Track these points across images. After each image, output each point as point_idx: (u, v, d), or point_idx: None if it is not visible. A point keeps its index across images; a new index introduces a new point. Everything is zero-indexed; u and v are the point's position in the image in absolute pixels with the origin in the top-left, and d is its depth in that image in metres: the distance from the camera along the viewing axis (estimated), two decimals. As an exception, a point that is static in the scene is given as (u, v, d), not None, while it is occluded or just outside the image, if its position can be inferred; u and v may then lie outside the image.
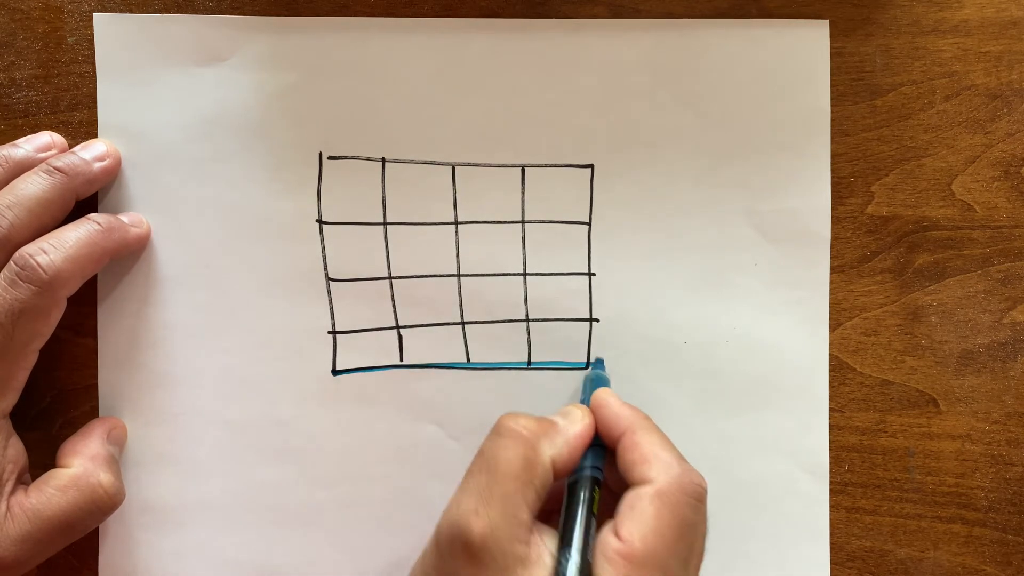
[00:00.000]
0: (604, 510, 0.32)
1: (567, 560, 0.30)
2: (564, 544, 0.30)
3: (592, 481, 0.33)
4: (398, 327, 0.39)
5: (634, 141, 0.39)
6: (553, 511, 0.33)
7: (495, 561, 0.29)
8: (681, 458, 0.33)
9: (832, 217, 0.40)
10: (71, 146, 0.38)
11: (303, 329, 0.39)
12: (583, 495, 0.32)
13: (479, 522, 0.29)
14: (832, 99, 0.39)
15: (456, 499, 0.31)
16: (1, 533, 0.34)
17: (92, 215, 0.37)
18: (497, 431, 0.32)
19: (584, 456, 0.34)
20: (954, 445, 0.40)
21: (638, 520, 0.30)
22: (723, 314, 0.40)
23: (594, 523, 0.32)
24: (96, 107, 0.38)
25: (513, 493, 0.30)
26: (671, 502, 0.31)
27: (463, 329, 0.39)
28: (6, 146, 0.37)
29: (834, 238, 0.40)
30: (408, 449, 0.39)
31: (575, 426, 0.34)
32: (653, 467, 0.32)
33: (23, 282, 0.34)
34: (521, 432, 0.32)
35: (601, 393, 0.35)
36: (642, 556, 0.30)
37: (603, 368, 0.39)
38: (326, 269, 0.39)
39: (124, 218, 0.38)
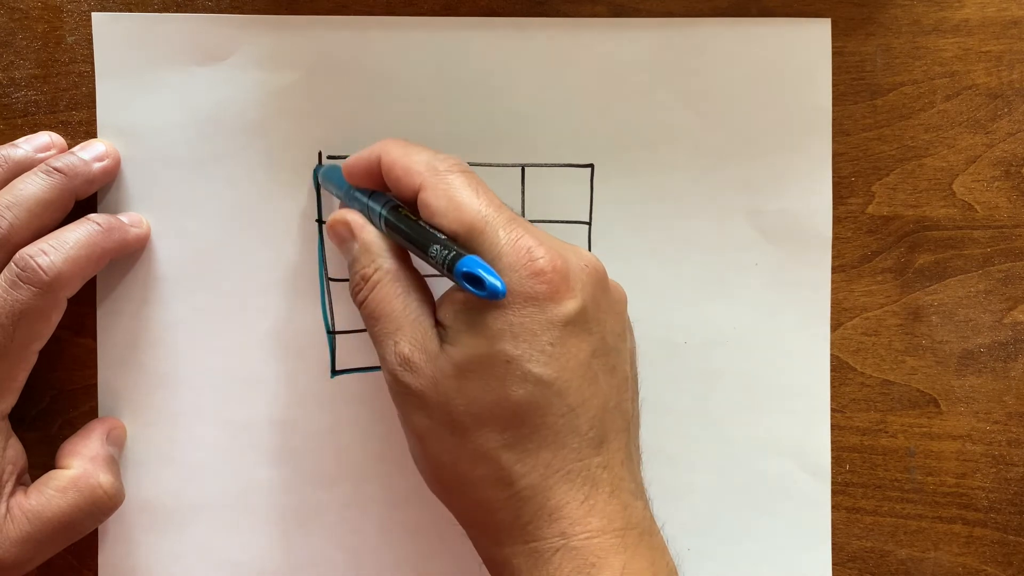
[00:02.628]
0: None
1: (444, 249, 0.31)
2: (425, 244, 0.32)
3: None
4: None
5: (634, 141, 0.39)
6: None
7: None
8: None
9: (833, 217, 0.40)
10: (70, 146, 0.38)
11: (303, 329, 0.39)
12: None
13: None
14: (833, 98, 0.39)
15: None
16: (1, 534, 0.34)
17: (92, 215, 0.37)
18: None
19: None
20: (955, 445, 0.40)
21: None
22: (723, 314, 0.40)
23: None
24: (95, 107, 0.38)
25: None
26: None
27: (463, 329, 0.39)
28: (5, 146, 0.37)
29: (835, 238, 0.40)
30: (408, 449, 0.39)
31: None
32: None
33: (24, 283, 0.34)
34: None
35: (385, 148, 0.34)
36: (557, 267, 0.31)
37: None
38: (326, 269, 0.39)
39: (124, 218, 0.38)
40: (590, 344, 0.31)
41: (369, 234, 0.34)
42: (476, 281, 0.30)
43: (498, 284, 0.29)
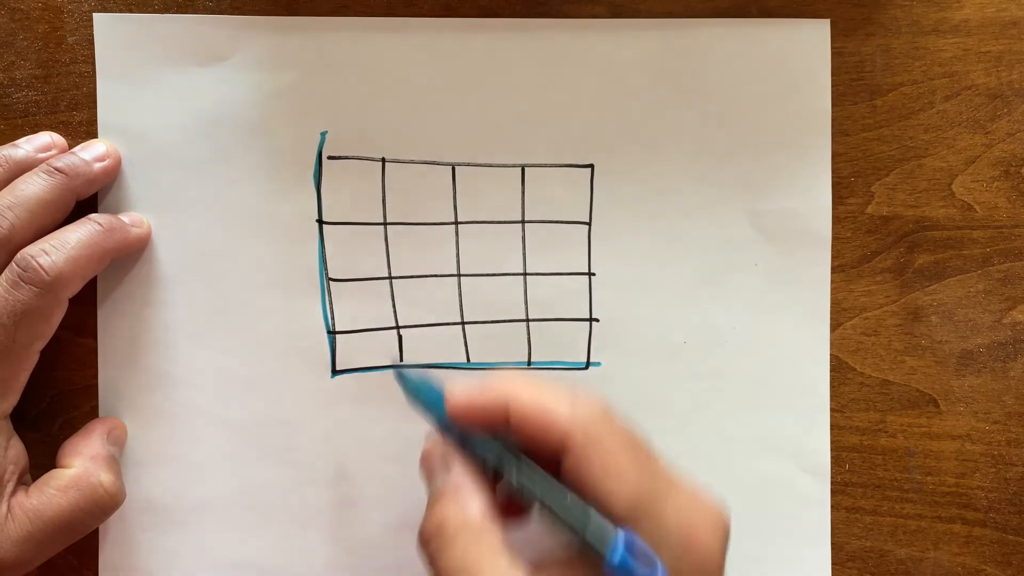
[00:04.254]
0: None
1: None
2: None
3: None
4: (398, 327, 0.39)
5: (634, 141, 0.39)
6: None
7: None
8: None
9: (832, 217, 0.40)
10: (71, 146, 0.38)
11: (303, 329, 0.39)
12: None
13: None
14: (832, 99, 0.39)
15: None
16: (2, 534, 0.34)
17: (93, 215, 0.37)
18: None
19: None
20: (954, 445, 0.40)
21: None
22: (723, 314, 0.40)
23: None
24: (96, 107, 0.38)
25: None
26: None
27: (463, 329, 0.39)
28: (6, 146, 0.37)
29: (834, 238, 0.40)
30: (408, 449, 0.39)
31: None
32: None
33: (25, 283, 0.34)
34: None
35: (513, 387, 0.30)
36: None
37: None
38: (326, 269, 0.39)
39: (124, 218, 0.38)
40: None
41: (463, 474, 0.30)
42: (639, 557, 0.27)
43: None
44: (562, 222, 0.39)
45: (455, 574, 0.28)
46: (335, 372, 0.39)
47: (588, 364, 0.40)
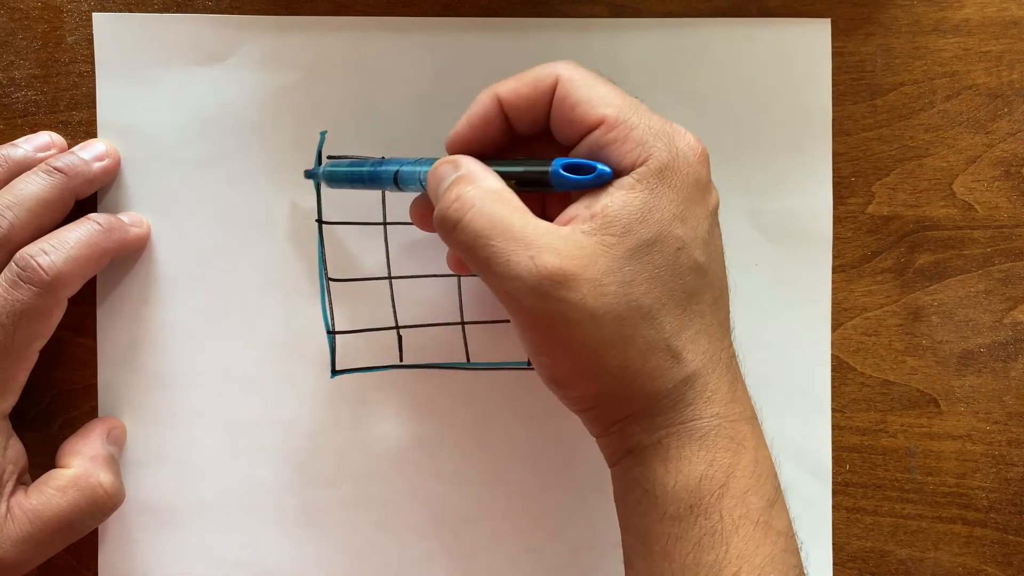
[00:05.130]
0: None
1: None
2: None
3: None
4: (398, 327, 0.39)
5: (634, 141, 0.39)
6: None
7: None
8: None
9: (833, 217, 0.40)
10: (70, 146, 0.38)
11: (303, 329, 0.39)
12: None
13: None
14: (833, 98, 0.39)
15: None
16: (1, 534, 0.34)
17: (92, 215, 0.37)
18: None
19: None
20: (955, 445, 0.40)
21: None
22: (723, 314, 0.40)
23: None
24: (95, 107, 0.38)
25: None
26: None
27: (463, 329, 0.39)
28: (5, 146, 0.37)
29: (835, 238, 0.40)
30: (408, 449, 0.39)
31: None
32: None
33: (24, 283, 0.34)
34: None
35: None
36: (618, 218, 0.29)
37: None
38: (326, 269, 0.39)
39: (124, 218, 0.38)
40: (721, 233, 0.32)
41: (474, 162, 0.31)
42: (582, 169, 0.30)
43: (606, 169, 0.30)
44: (562, 222, 0.39)
45: (484, 229, 0.29)
46: (335, 372, 0.39)
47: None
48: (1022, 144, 0.40)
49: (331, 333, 0.39)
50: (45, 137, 0.38)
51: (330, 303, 0.39)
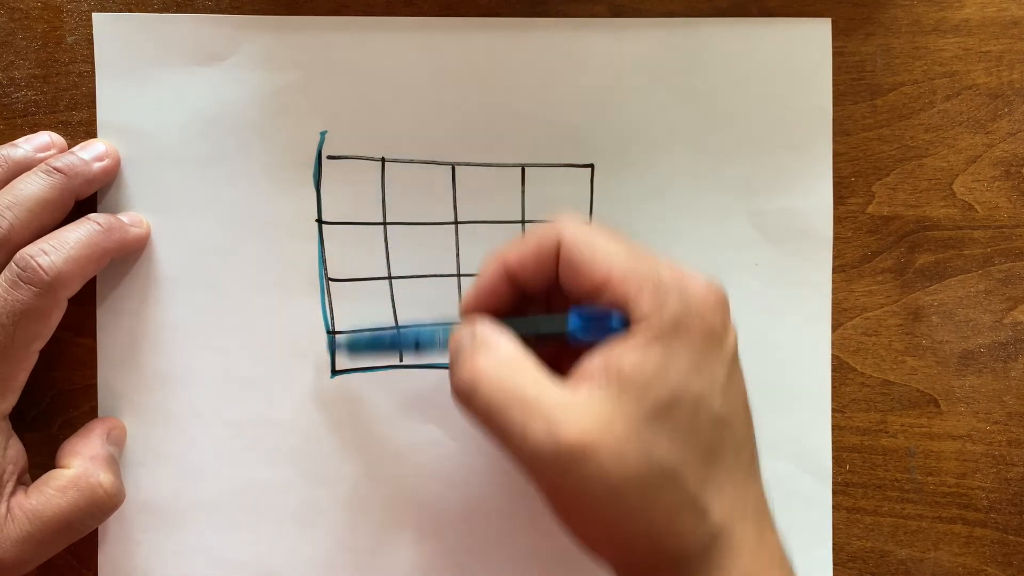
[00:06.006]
0: None
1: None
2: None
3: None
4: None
5: (634, 141, 0.39)
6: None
7: None
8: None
9: (833, 217, 0.40)
10: (70, 146, 0.38)
11: (303, 329, 0.39)
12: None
13: None
14: (833, 98, 0.39)
15: None
16: (1, 534, 0.34)
17: (92, 215, 0.37)
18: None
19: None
20: (955, 445, 0.40)
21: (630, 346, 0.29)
22: (723, 314, 0.40)
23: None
24: (95, 107, 0.38)
25: None
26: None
27: (463, 329, 0.39)
28: (5, 146, 0.37)
29: (835, 238, 0.40)
30: (408, 449, 0.39)
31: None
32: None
33: (24, 283, 0.34)
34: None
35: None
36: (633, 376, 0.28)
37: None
38: (326, 269, 0.39)
39: (124, 218, 0.38)
40: (742, 374, 0.31)
41: (489, 326, 0.31)
42: (597, 319, 0.30)
43: (619, 319, 0.29)
44: (562, 222, 0.39)
45: (498, 401, 0.29)
46: (335, 372, 0.39)
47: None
48: (1022, 144, 0.40)
49: (331, 333, 0.39)
50: (45, 137, 0.38)
51: (330, 303, 0.39)
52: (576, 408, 0.28)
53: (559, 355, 0.32)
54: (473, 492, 0.39)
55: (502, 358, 0.30)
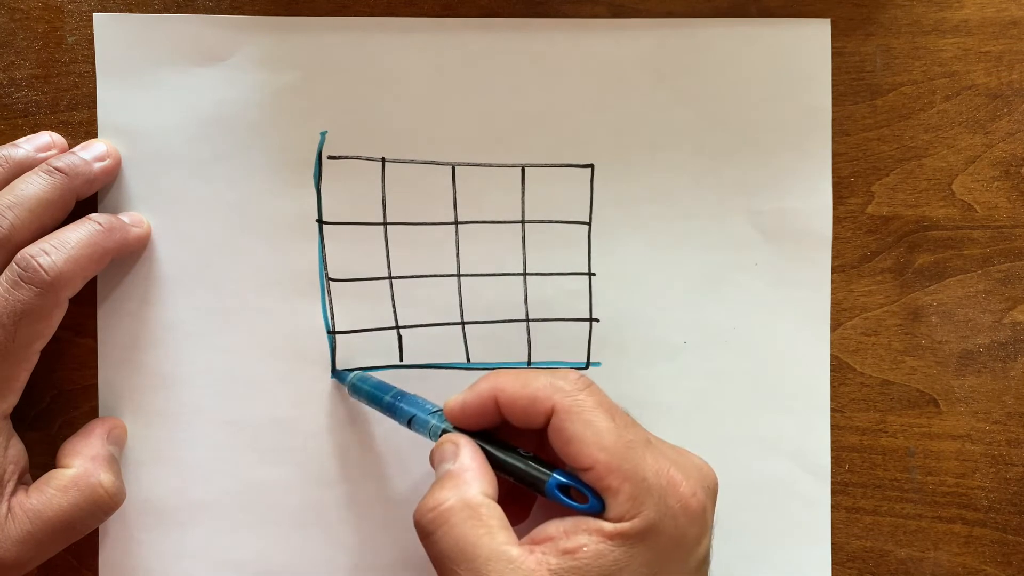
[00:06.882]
0: None
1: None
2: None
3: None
4: (398, 327, 0.39)
5: (634, 141, 0.39)
6: None
7: None
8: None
9: (832, 217, 0.40)
10: (71, 146, 0.38)
11: (303, 329, 0.39)
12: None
13: None
14: (833, 98, 0.39)
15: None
16: (2, 534, 0.34)
17: (93, 215, 0.37)
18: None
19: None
20: (954, 445, 0.40)
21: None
22: (723, 314, 0.40)
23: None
24: (96, 107, 0.38)
25: None
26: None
27: (463, 329, 0.39)
28: (6, 146, 0.37)
29: (834, 238, 0.40)
30: (408, 449, 0.39)
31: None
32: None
33: (25, 283, 0.34)
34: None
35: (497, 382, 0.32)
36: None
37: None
38: (326, 269, 0.39)
39: (125, 218, 0.38)
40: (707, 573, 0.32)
41: (471, 455, 0.32)
42: (574, 493, 0.30)
43: (596, 501, 0.30)
44: (562, 222, 0.39)
45: (451, 552, 0.29)
46: (335, 372, 0.39)
47: (588, 364, 0.40)
48: (1022, 144, 0.40)
49: (331, 333, 0.39)
50: (46, 137, 0.38)
51: (330, 303, 0.39)
52: None
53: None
54: (473, 492, 0.39)
55: (469, 501, 0.30)
